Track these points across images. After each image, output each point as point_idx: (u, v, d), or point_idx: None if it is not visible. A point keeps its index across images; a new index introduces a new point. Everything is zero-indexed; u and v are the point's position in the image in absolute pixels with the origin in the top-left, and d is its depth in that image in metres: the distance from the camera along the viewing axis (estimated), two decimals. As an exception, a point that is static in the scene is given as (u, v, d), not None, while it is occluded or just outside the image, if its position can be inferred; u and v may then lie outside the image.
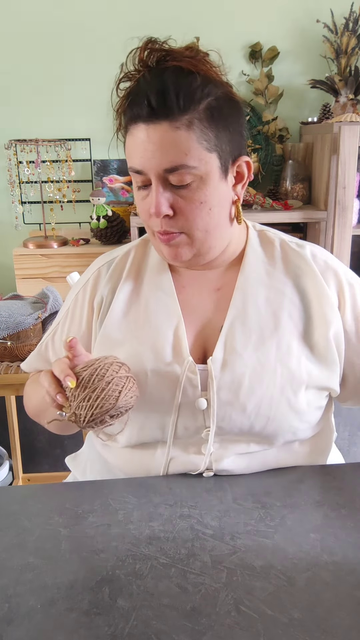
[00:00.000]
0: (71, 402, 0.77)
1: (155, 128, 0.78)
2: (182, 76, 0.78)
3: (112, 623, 0.62)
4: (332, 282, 0.92)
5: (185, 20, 2.37)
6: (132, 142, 0.81)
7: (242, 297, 0.90)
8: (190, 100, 0.78)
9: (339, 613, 0.63)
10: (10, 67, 2.43)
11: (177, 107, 0.77)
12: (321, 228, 2.30)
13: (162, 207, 0.81)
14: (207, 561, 0.71)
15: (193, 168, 0.79)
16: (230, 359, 0.87)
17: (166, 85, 0.77)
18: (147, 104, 0.77)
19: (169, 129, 0.77)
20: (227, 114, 0.81)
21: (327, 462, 1.01)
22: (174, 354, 0.88)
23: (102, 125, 2.48)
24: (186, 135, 0.78)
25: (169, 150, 0.78)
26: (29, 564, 0.72)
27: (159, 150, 0.78)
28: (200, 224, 0.83)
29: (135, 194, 0.87)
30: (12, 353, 1.63)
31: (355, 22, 2.28)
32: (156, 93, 0.77)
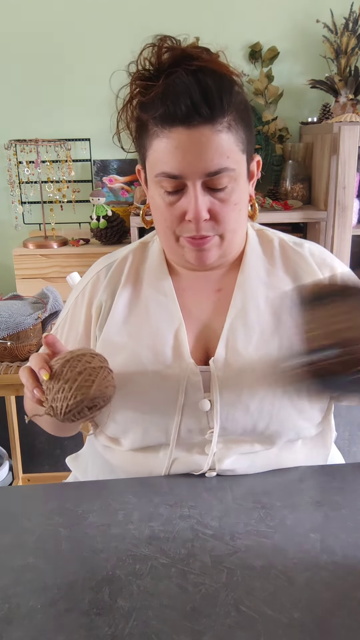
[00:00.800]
0: (47, 395, 0.76)
1: (198, 131, 0.76)
2: (219, 78, 0.77)
3: (112, 623, 0.62)
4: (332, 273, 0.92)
5: (185, 20, 2.37)
6: (167, 145, 0.77)
7: (242, 297, 0.90)
8: (229, 102, 0.77)
9: (339, 613, 0.63)
10: (10, 67, 2.43)
11: (220, 109, 0.76)
12: (321, 228, 2.30)
13: (203, 212, 0.79)
14: (207, 561, 0.71)
15: (232, 171, 0.79)
16: (232, 359, 0.87)
17: (208, 86, 0.75)
18: (190, 105, 0.74)
19: (212, 132, 0.76)
20: (249, 114, 0.82)
21: (327, 462, 1.01)
22: (175, 357, 0.88)
23: (102, 126, 2.48)
24: (227, 138, 0.77)
25: (213, 154, 0.77)
26: (29, 564, 0.72)
27: (202, 154, 0.76)
28: (232, 225, 0.83)
29: (158, 199, 0.83)
30: (12, 353, 1.63)
31: (355, 22, 2.28)
32: (200, 94, 0.74)
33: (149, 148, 0.81)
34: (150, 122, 0.79)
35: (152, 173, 0.82)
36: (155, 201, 0.84)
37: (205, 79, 0.76)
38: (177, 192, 0.81)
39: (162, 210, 0.83)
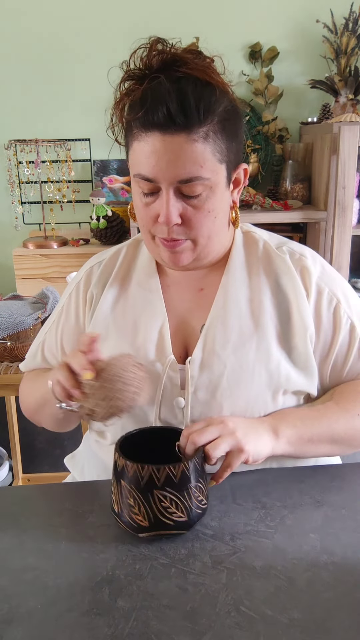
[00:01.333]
0: (89, 397, 0.76)
1: (173, 139, 0.77)
2: (200, 87, 0.78)
3: (112, 623, 0.62)
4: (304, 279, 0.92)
5: (185, 21, 2.37)
6: (144, 149, 0.79)
7: (223, 298, 0.91)
8: (208, 113, 0.77)
9: (338, 613, 0.63)
10: (10, 67, 2.44)
11: (197, 119, 0.76)
12: (321, 228, 2.30)
13: (173, 216, 0.81)
14: (207, 561, 0.71)
15: (206, 180, 0.80)
16: (208, 359, 0.88)
17: (187, 95, 0.76)
18: (166, 113, 0.75)
19: (186, 141, 0.77)
20: (235, 124, 0.82)
21: (327, 463, 1.01)
22: (157, 352, 0.90)
23: (102, 126, 2.47)
24: (202, 148, 0.78)
25: (185, 162, 0.78)
26: (29, 564, 0.72)
27: (174, 161, 0.77)
28: (206, 231, 0.85)
29: (137, 198, 0.85)
30: (12, 353, 1.63)
31: (355, 22, 2.28)
32: (177, 103, 0.75)
33: (130, 148, 0.83)
34: (132, 123, 0.81)
35: (132, 172, 0.84)
36: (135, 199, 0.87)
37: (186, 88, 0.76)
38: (152, 194, 0.82)
39: (140, 209, 0.86)
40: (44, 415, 1.00)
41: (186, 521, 0.73)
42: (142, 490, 0.72)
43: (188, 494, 0.72)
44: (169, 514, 0.72)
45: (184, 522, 0.73)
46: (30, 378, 1.06)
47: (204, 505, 0.75)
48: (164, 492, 0.71)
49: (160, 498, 0.71)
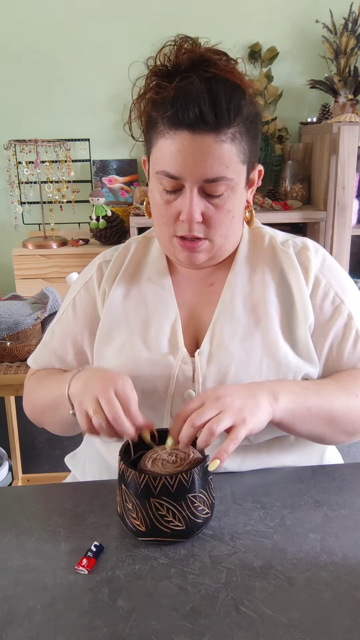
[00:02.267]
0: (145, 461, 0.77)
1: (202, 138, 0.78)
2: (230, 88, 0.79)
3: (112, 623, 0.62)
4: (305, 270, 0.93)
5: (185, 21, 2.37)
6: (171, 147, 0.80)
7: (230, 292, 0.93)
8: (237, 114, 0.79)
9: (338, 613, 0.63)
10: (10, 68, 2.44)
11: (226, 120, 0.78)
12: (320, 228, 2.30)
13: (196, 214, 0.82)
14: (207, 561, 0.71)
15: (230, 180, 0.81)
16: (216, 351, 0.90)
17: (219, 96, 0.77)
18: (198, 112, 0.76)
19: (215, 141, 0.78)
20: (256, 126, 0.84)
21: (327, 462, 1.02)
22: (170, 346, 0.91)
23: (102, 126, 2.48)
24: (229, 149, 0.79)
25: (212, 162, 0.79)
26: (29, 564, 0.72)
27: (202, 161, 0.79)
28: (224, 231, 0.86)
29: (157, 195, 0.85)
30: (11, 353, 1.63)
31: (354, 22, 2.28)
32: (209, 103, 0.76)
33: (154, 144, 0.83)
34: (159, 120, 0.81)
35: (154, 169, 0.84)
36: (154, 196, 0.87)
37: (217, 89, 0.78)
38: (175, 192, 0.83)
39: (160, 206, 0.86)
40: (51, 418, 0.99)
41: (184, 530, 0.73)
42: (139, 497, 0.72)
43: (186, 504, 0.72)
44: (166, 522, 0.72)
45: (182, 531, 0.73)
46: (39, 377, 1.04)
47: (205, 514, 0.75)
48: (161, 500, 0.71)
49: (157, 506, 0.71)
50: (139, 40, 2.34)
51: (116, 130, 2.47)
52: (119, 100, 2.44)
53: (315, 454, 0.99)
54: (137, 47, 2.37)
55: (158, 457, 0.77)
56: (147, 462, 0.77)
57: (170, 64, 0.81)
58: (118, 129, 2.47)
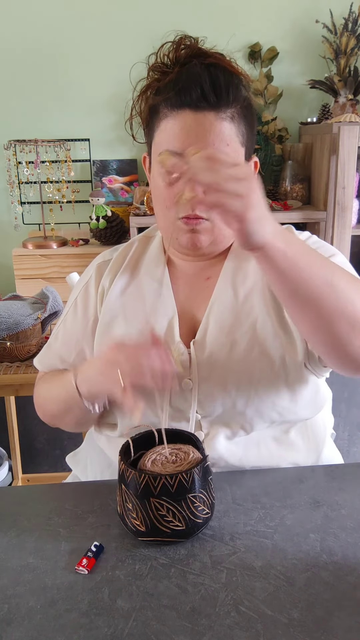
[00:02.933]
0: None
1: (204, 115, 0.82)
2: (227, 73, 0.84)
3: (112, 624, 0.62)
4: None
5: (185, 21, 2.37)
6: (174, 126, 0.83)
7: (224, 284, 0.95)
8: (235, 96, 0.83)
9: (338, 613, 0.63)
10: (9, 68, 2.44)
11: (226, 100, 0.82)
12: (320, 228, 2.30)
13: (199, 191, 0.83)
14: (207, 561, 0.71)
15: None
16: (209, 340, 0.91)
17: (218, 77, 0.82)
18: (200, 92, 0.81)
19: (215, 118, 0.82)
20: (252, 115, 0.88)
21: (327, 462, 1.02)
22: (167, 338, 0.93)
23: (102, 126, 2.48)
24: (229, 127, 0.83)
25: (214, 138, 0.82)
26: (29, 564, 0.72)
27: (204, 136, 0.82)
28: None
29: (159, 180, 0.87)
30: (11, 353, 1.63)
31: (354, 22, 2.28)
32: (209, 83, 0.81)
33: (156, 129, 0.87)
34: (161, 104, 0.85)
35: (156, 152, 0.87)
36: (156, 181, 0.89)
37: (216, 72, 0.83)
38: None
39: (162, 189, 0.87)
40: (66, 419, 1.00)
41: (184, 530, 0.73)
42: (139, 497, 0.72)
43: (186, 504, 0.72)
44: (166, 522, 0.72)
45: (182, 531, 0.73)
46: (45, 382, 1.05)
47: (205, 514, 0.75)
48: (161, 500, 0.71)
49: (157, 506, 0.71)
50: (139, 40, 2.34)
51: (116, 131, 2.47)
52: (119, 100, 2.44)
53: (312, 448, 0.99)
54: (137, 47, 2.37)
55: (158, 457, 0.77)
56: (147, 462, 0.77)
57: (170, 59, 0.86)
58: (118, 129, 2.47)
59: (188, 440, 0.82)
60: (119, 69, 2.38)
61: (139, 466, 0.77)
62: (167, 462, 0.76)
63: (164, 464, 0.76)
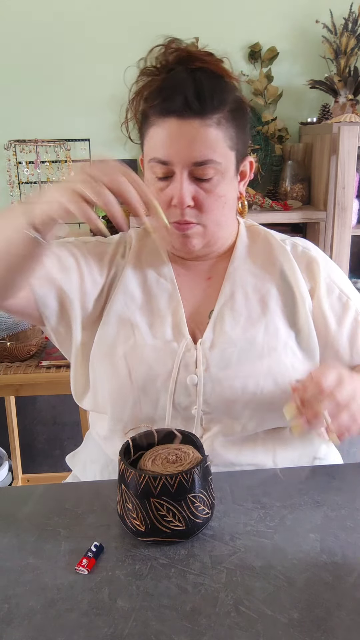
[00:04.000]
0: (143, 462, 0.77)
1: (189, 123, 0.82)
2: (213, 77, 0.84)
3: (112, 624, 0.62)
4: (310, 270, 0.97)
5: (185, 20, 2.37)
6: (160, 134, 0.84)
7: (231, 285, 0.96)
8: (220, 101, 0.84)
9: (338, 613, 0.63)
10: (9, 67, 2.44)
11: (210, 106, 0.83)
12: (320, 228, 2.30)
13: (186, 197, 0.85)
14: (207, 562, 0.71)
15: (218, 164, 0.85)
16: (219, 340, 0.92)
17: (202, 84, 0.83)
18: (183, 100, 0.81)
19: (201, 125, 0.83)
20: (243, 116, 0.89)
21: (321, 457, 1.02)
22: (174, 334, 0.94)
23: (102, 126, 2.48)
24: (215, 133, 0.84)
25: (200, 145, 0.83)
26: (29, 564, 0.72)
27: (190, 144, 0.83)
28: (216, 216, 0.89)
29: (150, 184, 0.89)
30: (11, 353, 1.63)
31: (354, 22, 2.28)
32: (193, 91, 0.82)
33: (146, 135, 0.88)
34: (150, 111, 0.86)
35: (147, 159, 0.89)
36: (149, 187, 0.89)
37: (201, 77, 0.83)
38: (166, 179, 0.87)
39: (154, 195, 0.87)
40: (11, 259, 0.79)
41: (184, 530, 0.73)
42: (139, 497, 0.72)
43: (186, 504, 0.72)
44: (166, 522, 0.72)
45: (182, 531, 0.73)
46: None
47: (206, 514, 0.75)
48: (161, 500, 0.71)
49: (157, 506, 0.71)
50: (139, 40, 2.34)
51: (116, 131, 2.47)
52: (119, 101, 2.43)
53: (309, 446, 1.00)
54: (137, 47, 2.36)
55: (158, 457, 0.77)
56: (147, 462, 0.77)
57: (160, 63, 0.87)
58: (118, 129, 2.46)
59: (188, 439, 0.82)
60: (119, 69, 2.37)
61: (138, 466, 0.77)
62: (168, 462, 0.76)
63: (164, 464, 0.76)
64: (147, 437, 0.82)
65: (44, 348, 1.73)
